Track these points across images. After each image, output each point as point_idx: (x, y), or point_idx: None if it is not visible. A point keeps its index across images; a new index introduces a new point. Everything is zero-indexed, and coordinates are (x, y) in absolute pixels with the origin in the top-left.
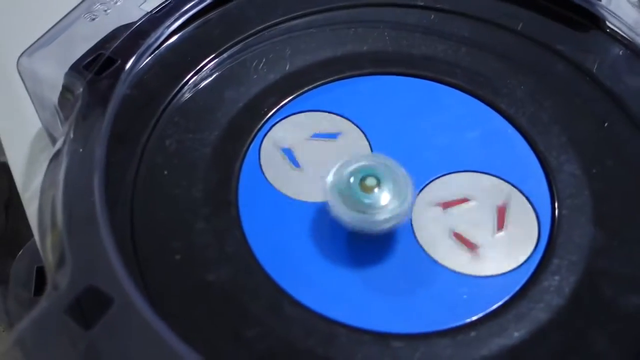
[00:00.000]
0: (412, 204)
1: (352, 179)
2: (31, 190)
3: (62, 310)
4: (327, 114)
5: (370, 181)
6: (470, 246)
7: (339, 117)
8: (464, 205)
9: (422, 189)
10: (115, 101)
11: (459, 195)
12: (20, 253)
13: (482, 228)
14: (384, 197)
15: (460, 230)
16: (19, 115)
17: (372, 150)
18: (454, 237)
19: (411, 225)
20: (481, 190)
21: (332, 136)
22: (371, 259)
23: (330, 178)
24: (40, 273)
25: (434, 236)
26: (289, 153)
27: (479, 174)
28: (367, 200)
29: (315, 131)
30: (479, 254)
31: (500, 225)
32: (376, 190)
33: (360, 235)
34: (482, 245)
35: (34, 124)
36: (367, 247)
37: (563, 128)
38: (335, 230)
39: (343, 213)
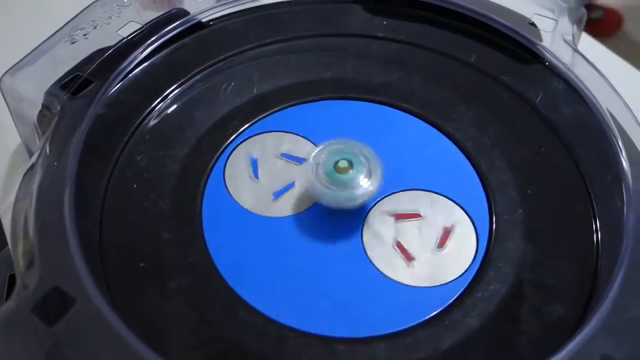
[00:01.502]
0: (381, 183)
1: (328, 161)
2: (8, 202)
3: (29, 309)
4: (290, 134)
5: (342, 163)
6: (408, 258)
7: (301, 138)
8: (414, 220)
9: (377, 202)
10: (89, 119)
11: (411, 210)
12: None
13: (424, 244)
14: (357, 176)
15: (404, 241)
16: (1, 129)
17: None
18: (396, 247)
19: (361, 235)
20: (432, 208)
21: (298, 160)
22: (321, 268)
23: (310, 160)
24: (13, 280)
25: (380, 244)
26: (254, 165)
27: (428, 192)
28: (342, 179)
29: (280, 151)
30: (415, 265)
31: (442, 244)
32: (350, 171)
33: (311, 245)
34: (418, 258)
35: (14, 140)
36: (318, 256)
37: (503, 152)
38: (289, 242)
39: (320, 190)
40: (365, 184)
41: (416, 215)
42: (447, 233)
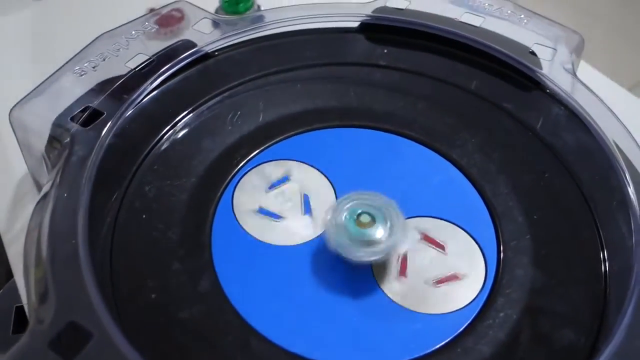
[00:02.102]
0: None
1: (348, 216)
2: (13, 232)
3: (46, 344)
4: (296, 162)
5: (364, 218)
6: (418, 285)
7: (307, 166)
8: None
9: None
10: (99, 151)
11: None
12: None
13: (433, 271)
14: (378, 232)
15: (414, 269)
16: (5, 162)
17: (336, 197)
18: (406, 275)
19: (372, 273)
20: (440, 235)
21: (306, 198)
22: (331, 297)
23: (329, 215)
24: (19, 312)
25: (389, 272)
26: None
27: (435, 219)
28: (362, 235)
29: (288, 179)
30: (425, 292)
31: (450, 271)
32: (371, 226)
33: (321, 273)
34: (428, 286)
35: (20, 170)
36: (328, 284)
37: (508, 178)
38: (299, 271)
39: (338, 245)
40: (384, 241)
41: (441, 246)
42: (453, 260)
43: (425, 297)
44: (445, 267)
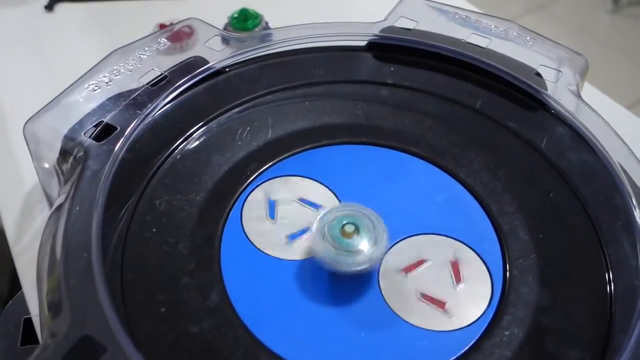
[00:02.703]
0: (386, 249)
1: (334, 225)
2: (22, 245)
3: (59, 358)
4: (304, 179)
5: (349, 228)
6: (439, 304)
7: (315, 182)
8: (427, 266)
9: (392, 246)
10: (112, 166)
11: (425, 255)
12: (8, 304)
13: (441, 288)
14: (362, 243)
15: (422, 287)
16: (15, 174)
17: None
18: (422, 299)
19: (377, 279)
20: (446, 252)
21: (313, 205)
22: (339, 312)
23: (315, 224)
24: (27, 324)
25: (397, 288)
26: (271, 208)
27: (441, 237)
28: (345, 244)
29: (296, 195)
30: (431, 310)
31: (457, 288)
32: (355, 236)
33: (329, 288)
34: (434, 303)
35: (29, 180)
36: (336, 300)
37: (514, 197)
38: (310, 287)
39: (323, 253)
40: (368, 251)
41: (421, 262)
42: (460, 278)
43: (432, 314)
44: (452, 285)
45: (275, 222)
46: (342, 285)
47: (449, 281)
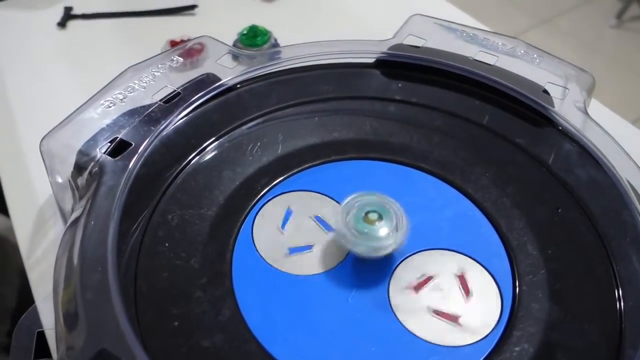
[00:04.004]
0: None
1: (357, 213)
2: (35, 258)
3: None
4: (314, 193)
5: (373, 215)
6: (451, 318)
7: (325, 197)
8: (436, 282)
9: (401, 261)
10: (127, 182)
11: (434, 271)
12: (22, 317)
13: (451, 303)
14: (383, 229)
15: (433, 302)
16: (29, 190)
17: None
18: (433, 314)
19: (388, 294)
20: (455, 268)
21: (328, 227)
22: (349, 326)
23: (340, 211)
24: (40, 337)
25: (407, 303)
26: (285, 218)
27: (451, 252)
28: (369, 230)
29: (307, 211)
30: (442, 325)
31: (466, 304)
32: (377, 223)
33: (339, 303)
34: (445, 318)
35: (42, 194)
36: (346, 314)
37: (522, 212)
38: (322, 302)
39: (349, 240)
40: (390, 237)
41: (430, 278)
42: (469, 292)
43: (442, 330)
44: (462, 300)
45: (284, 234)
46: (353, 300)
47: (459, 296)
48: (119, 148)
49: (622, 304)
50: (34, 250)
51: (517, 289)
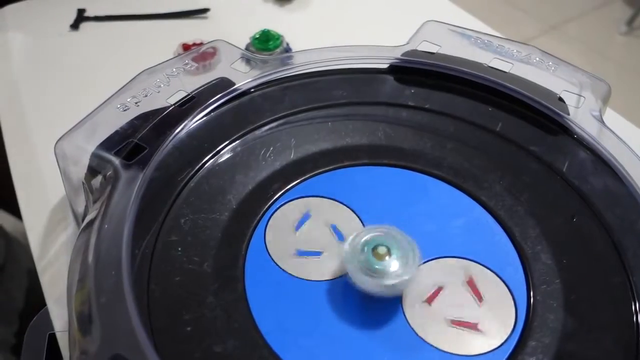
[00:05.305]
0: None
1: (365, 248)
2: (46, 260)
3: None
4: (326, 199)
5: (382, 249)
6: (468, 325)
7: (337, 203)
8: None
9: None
10: (142, 185)
11: (448, 280)
12: (34, 320)
13: (465, 312)
14: (393, 263)
15: (447, 312)
16: (41, 193)
17: None
18: (449, 322)
19: (401, 302)
20: (469, 277)
21: (341, 237)
22: (362, 333)
23: (346, 246)
24: (52, 340)
25: (421, 312)
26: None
27: (465, 260)
28: (378, 267)
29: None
30: (456, 333)
31: (480, 299)
32: (387, 258)
33: (352, 309)
34: (459, 326)
35: (55, 196)
36: (359, 321)
37: (537, 221)
38: (335, 309)
39: (357, 278)
40: (399, 273)
41: (443, 287)
42: (481, 298)
43: (457, 339)
44: (476, 310)
45: (297, 237)
46: (366, 308)
47: (474, 303)
48: (134, 151)
49: (638, 315)
50: (46, 252)
51: (532, 299)
